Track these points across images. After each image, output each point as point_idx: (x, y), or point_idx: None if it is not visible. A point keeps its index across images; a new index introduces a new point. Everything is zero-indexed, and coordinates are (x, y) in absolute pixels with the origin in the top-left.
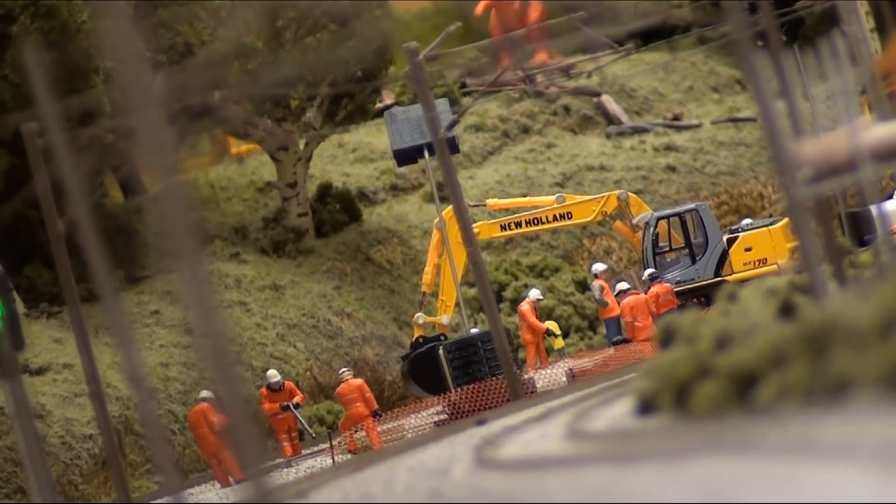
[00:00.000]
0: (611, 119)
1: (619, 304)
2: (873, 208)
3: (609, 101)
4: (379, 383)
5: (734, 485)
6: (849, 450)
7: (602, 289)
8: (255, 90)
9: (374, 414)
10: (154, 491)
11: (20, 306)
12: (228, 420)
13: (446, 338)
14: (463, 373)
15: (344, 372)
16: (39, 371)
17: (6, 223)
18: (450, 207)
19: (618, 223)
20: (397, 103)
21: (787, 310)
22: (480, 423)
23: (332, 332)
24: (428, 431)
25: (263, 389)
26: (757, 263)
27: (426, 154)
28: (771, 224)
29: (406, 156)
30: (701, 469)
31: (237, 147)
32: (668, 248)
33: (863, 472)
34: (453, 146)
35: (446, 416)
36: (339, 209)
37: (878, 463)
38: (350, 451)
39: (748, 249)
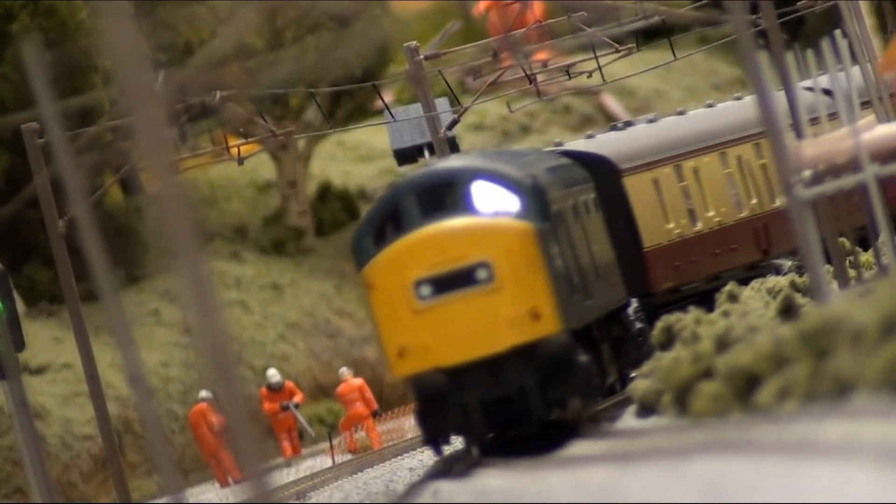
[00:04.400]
0: (611, 118)
1: None
2: None
3: (609, 101)
4: (379, 383)
5: (734, 485)
6: (849, 450)
7: None
8: (256, 89)
9: (374, 414)
10: (154, 491)
11: (20, 305)
12: (228, 420)
13: None
14: None
15: (344, 372)
16: (39, 370)
17: (6, 223)
18: None
19: None
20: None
21: (787, 310)
22: None
23: (332, 331)
24: None
25: (263, 389)
26: None
27: (426, 153)
28: None
29: (406, 155)
30: (701, 469)
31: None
32: None
33: (863, 472)
34: (453, 145)
35: None
36: (338, 208)
37: (878, 463)
38: (350, 452)
39: None
